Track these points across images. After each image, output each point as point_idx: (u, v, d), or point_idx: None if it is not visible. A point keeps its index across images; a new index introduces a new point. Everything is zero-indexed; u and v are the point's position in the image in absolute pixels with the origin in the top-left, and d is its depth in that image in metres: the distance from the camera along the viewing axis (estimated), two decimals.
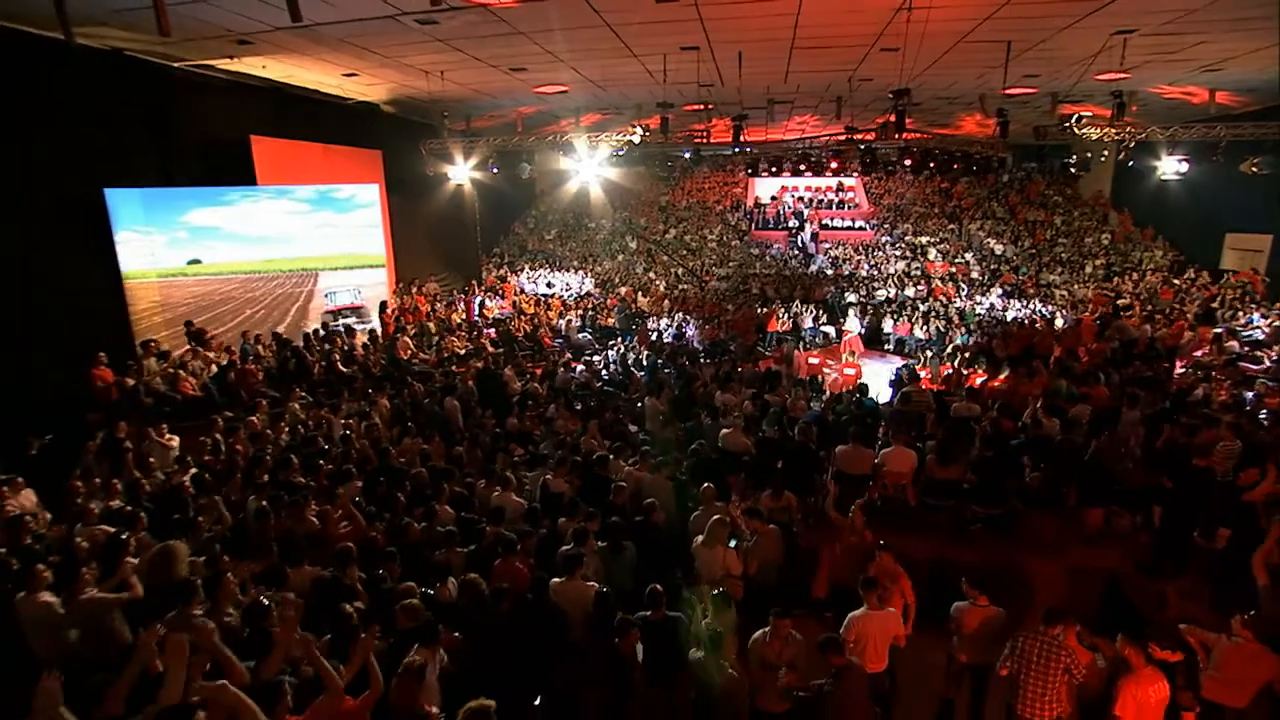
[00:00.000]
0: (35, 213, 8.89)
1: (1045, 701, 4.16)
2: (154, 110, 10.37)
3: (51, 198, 9.17)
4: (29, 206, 8.79)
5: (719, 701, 4.18)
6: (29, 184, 8.77)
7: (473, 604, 4.47)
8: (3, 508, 5.68)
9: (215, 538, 5.48)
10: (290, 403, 9.12)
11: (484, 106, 17.70)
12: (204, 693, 2.77)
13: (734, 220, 25.34)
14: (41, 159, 8.89)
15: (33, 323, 8.81)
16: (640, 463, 6.82)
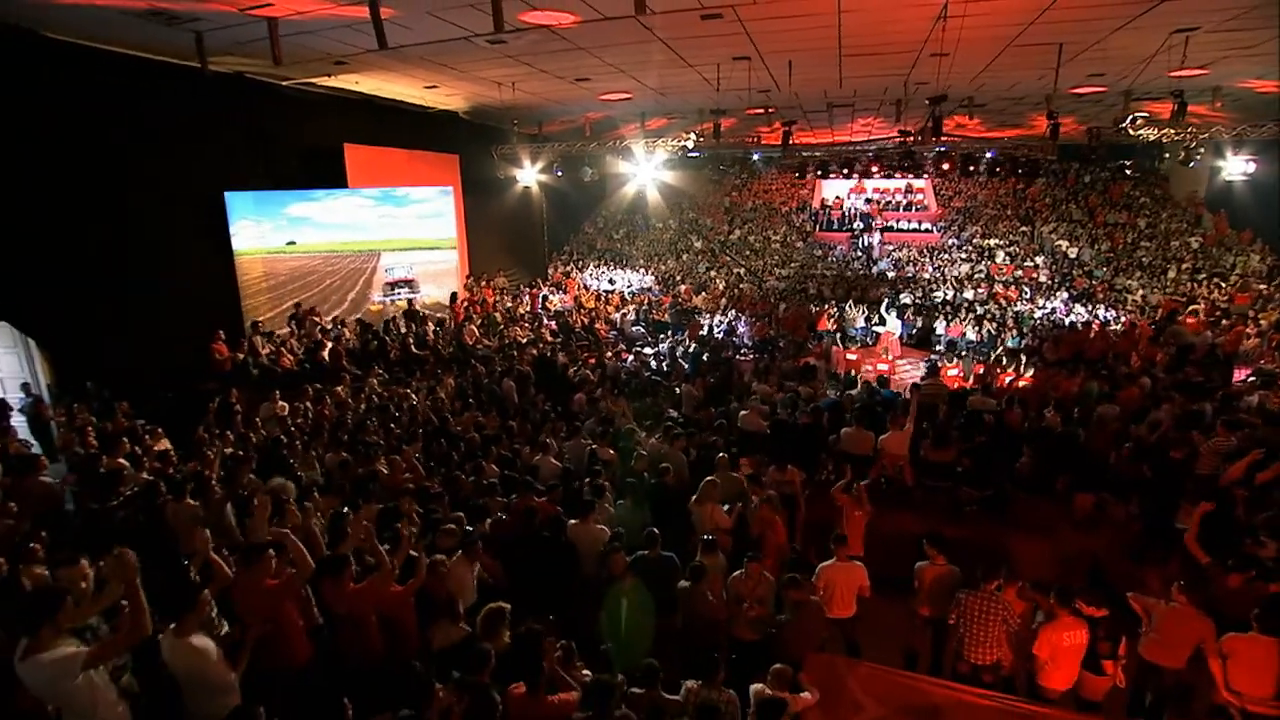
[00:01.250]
0: (168, 212, 10.67)
1: (985, 647, 4.79)
2: (265, 123, 12.06)
3: (182, 199, 10.96)
4: (163, 206, 10.57)
5: (700, 625, 5.01)
6: (164, 187, 10.53)
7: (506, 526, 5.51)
8: (152, 448, 7.20)
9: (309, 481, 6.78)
10: (370, 378, 10.53)
11: (554, 112, 18.95)
12: (275, 535, 3.90)
13: (799, 222, 25.70)
14: (175, 166, 10.65)
15: (164, 304, 10.55)
16: (662, 436, 7.71)
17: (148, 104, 10.01)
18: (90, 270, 9.54)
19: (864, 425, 7.19)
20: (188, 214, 11.22)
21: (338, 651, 3.96)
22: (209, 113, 10.74)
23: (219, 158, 11.39)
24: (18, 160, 8.60)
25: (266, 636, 3.52)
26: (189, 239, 11.26)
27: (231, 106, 11.12)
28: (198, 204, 11.38)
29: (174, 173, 10.65)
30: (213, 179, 11.40)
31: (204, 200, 11.48)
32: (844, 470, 6.48)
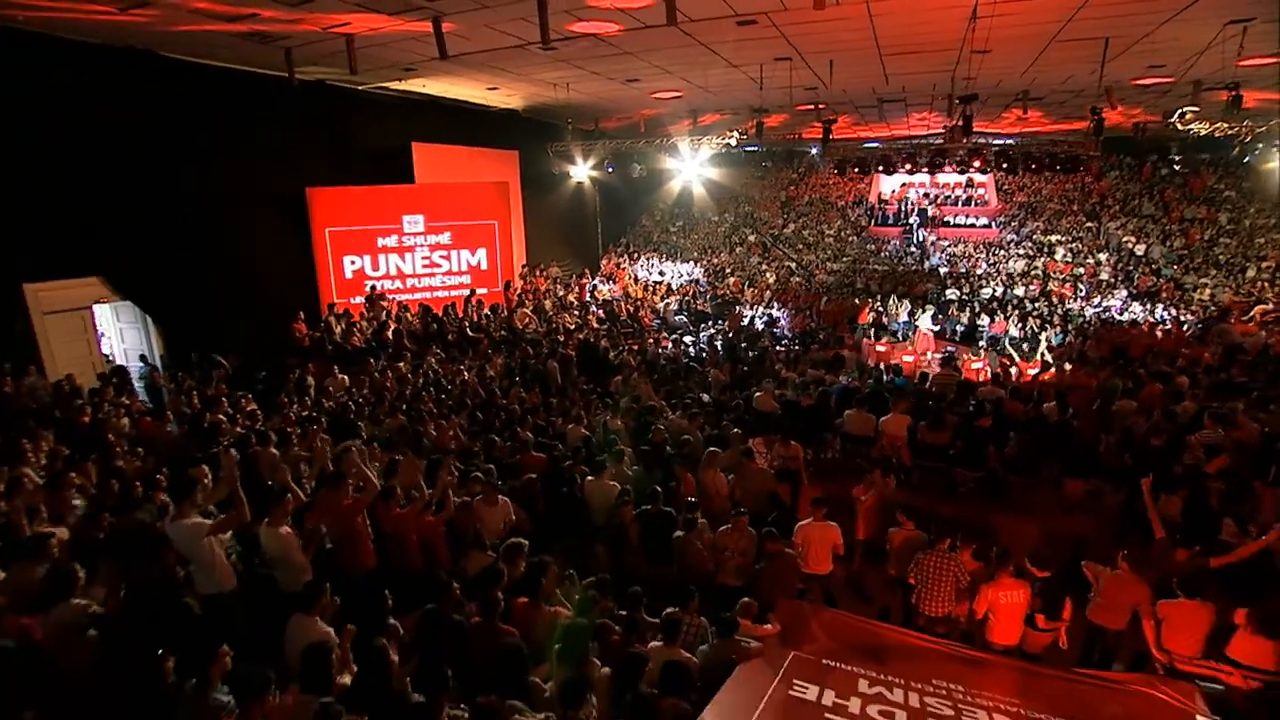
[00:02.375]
0: (260, 207, 12.19)
1: (938, 602, 5.44)
2: (342, 125, 13.47)
3: (270, 196, 12.47)
4: (256, 202, 12.09)
5: (690, 571, 5.84)
6: (256, 185, 12.05)
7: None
8: (244, 409, 8.58)
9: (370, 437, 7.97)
10: (428, 356, 11.77)
11: (609, 109, 19.89)
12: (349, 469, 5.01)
13: (854, 216, 25.84)
14: (263, 166, 12.14)
15: (255, 288, 12.08)
16: (683, 414, 8.56)
17: (243, 110, 11.48)
18: (196, 258, 11.09)
19: (865, 409, 7.82)
20: (276, 208, 12.74)
21: (385, 561, 5.01)
22: (294, 117, 12.16)
23: (302, 157, 12.86)
24: (142, 164, 10.16)
25: (343, 544, 4.61)
26: (276, 230, 12.79)
27: (313, 110, 12.52)
28: (284, 199, 12.89)
29: (265, 171, 12.15)
30: (297, 176, 12.88)
31: (290, 195, 12.98)
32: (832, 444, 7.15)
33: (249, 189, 11.92)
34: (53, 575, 3.72)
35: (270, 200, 12.61)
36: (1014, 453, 7.24)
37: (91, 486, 5.92)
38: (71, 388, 8.85)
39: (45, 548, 4.03)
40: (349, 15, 9.14)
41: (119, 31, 9.11)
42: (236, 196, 11.70)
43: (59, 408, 8.35)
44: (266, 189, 12.41)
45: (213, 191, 11.23)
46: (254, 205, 12.12)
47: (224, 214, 11.53)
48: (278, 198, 12.80)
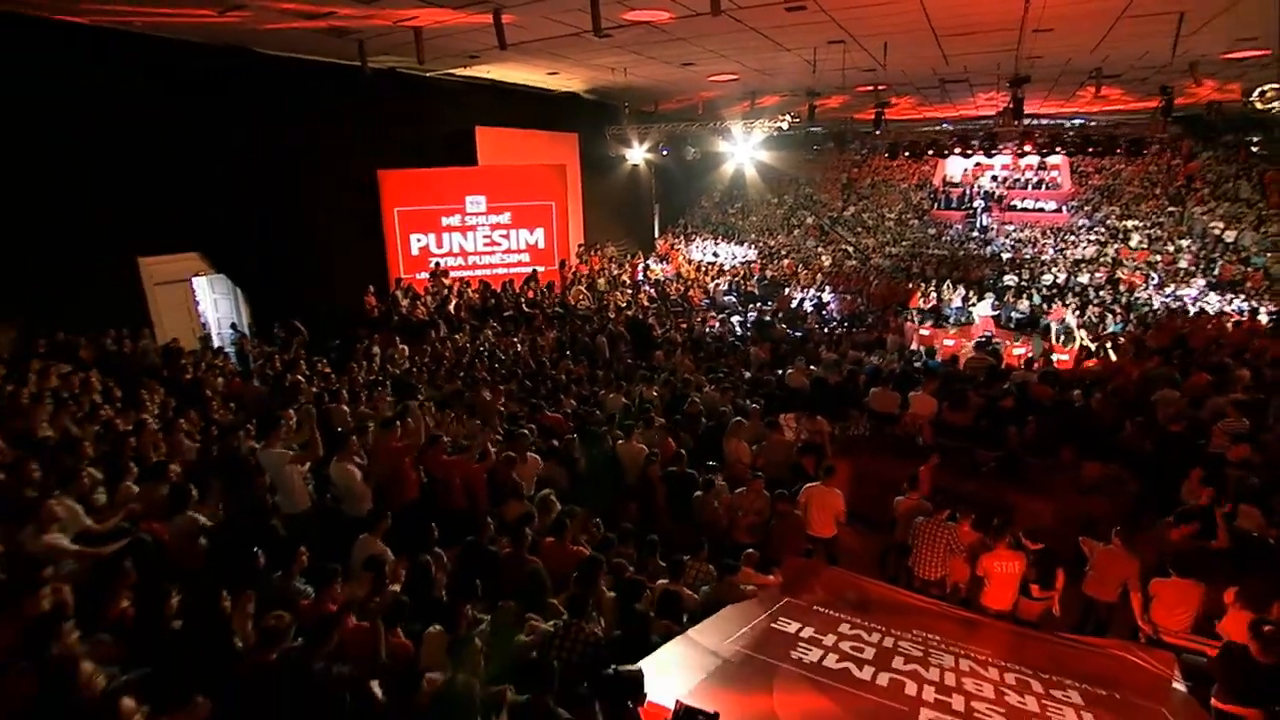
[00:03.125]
0: (336, 188, 13.30)
1: (931, 566, 5.88)
2: (411, 110, 14.41)
3: (345, 178, 13.57)
4: (333, 184, 13.19)
5: (706, 527, 6.44)
6: (334, 168, 13.13)
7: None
8: (319, 371, 9.66)
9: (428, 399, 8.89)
10: (485, 329, 12.67)
11: (668, 92, 20.28)
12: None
13: (917, 199, 25.45)
14: (339, 150, 13.20)
15: (330, 264, 13.23)
16: (717, 387, 9.12)
17: (321, 99, 12.53)
18: (279, 236, 12.28)
19: (890, 387, 8.18)
20: (350, 190, 13.86)
21: (432, 500, 5.83)
22: (367, 104, 13.14)
23: (374, 141, 13.89)
24: (235, 151, 11.33)
25: (391, 478, 5.45)
26: (350, 210, 13.92)
27: (384, 97, 13.47)
28: (358, 181, 14.00)
29: (340, 155, 13.24)
30: (369, 159, 13.95)
31: (363, 178, 14.08)
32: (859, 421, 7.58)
33: (327, 172, 13.03)
34: (173, 493, 4.65)
35: (345, 182, 13.72)
36: (1032, 434, 7.49)
37: (196, 432, 7.00)
38: (176, 349, 10.12)
39: (166, 472, 5.00)
40: (416, 10, 9.94)
41: (218, 32, 10.21)
42: (315, 179, 12.83)
43: (166, 367, 9.60)
44: (343, 172, 13.51)
45: (295, 175, 12.37)
46: (331, 187, 13.24)
47: (304, 196, 12.68)
48: (352, 180, 13.90)
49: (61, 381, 7.56)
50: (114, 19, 9.21)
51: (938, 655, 4.45)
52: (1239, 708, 4.35)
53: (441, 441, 6.03)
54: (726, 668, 3.62)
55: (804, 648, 4.14)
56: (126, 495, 4.89)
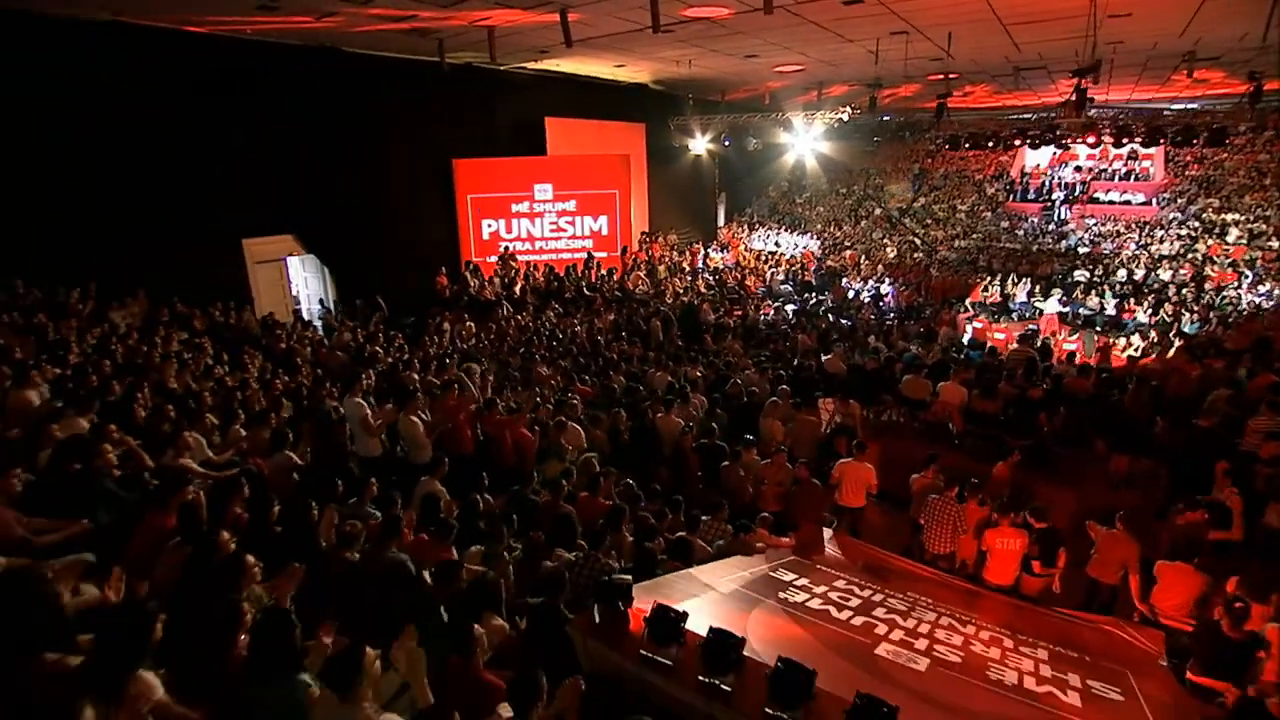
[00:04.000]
0: (414, 176, 14.46)
1: (940, 541, 6.32)
2: (484, 102, 15.43)
3: (423, 167, 14.71)
4: (412, 172, 14.36)
5: (730, 495, 7.06)
6: (413, 157, 14.29)
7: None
8: (395, 343, 10.78)
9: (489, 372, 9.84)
10: (548, 310, 13.59)
11: (734, 83, 20.65)
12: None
13: (992, 191, 24.86)
14: (418, 141, 14.33)
15: (408, 247, 14.43)
16: (757, 369, 9.70)
17: (403, 93, 13.67)
18: (363, 220, 13.52)
19: (921, 375, 8.55)
20: (427, 178, 15.02)
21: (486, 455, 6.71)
22: (445, 97, 14.22)
23: (450, 132, 15.00)
24: (325, 141, 12.58)
25: (448, 432, 6.36)
26: (427, 197, 15.09)
27: (460, 91, 14.50)
28: (435, 170, 15.15)
29: (419, 145, 14.39)
30: (445, 149, 15.07)
31: (439, 166, 15.22)
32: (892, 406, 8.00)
33: (407, 162, 14.23)
34: (274, 436, 5.67)
35: (423, 171, 14.90)
36: (1060, 424, 7.71)
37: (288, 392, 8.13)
38: (273, 322, 11.46)
39: (268, 419, 6.03)
40: (490, 11, 10.85)
41: (313, 35, 11.41)
42: (396, 168, 14.03)
43: (264, 336, 10.92)
44: (421, 161, 14.69)
45: (378, 164, 13.59)
46: (410, 175, 14.44)
47: (386, 183, 13.90)
48: (429, 168, 15.07)
49: (182, 345, 8.87)
50: (230, 28, 10.51)
51: (921, 612, 4.95)
52: (1210, 680, 4.66)
53: (496, 405, 6.90)
54: (714, 596, 4.25)
55: (793, 591, 4.73)
56: (236, 436, 5.95)
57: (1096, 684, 4.10)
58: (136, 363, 7.46)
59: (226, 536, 3.30)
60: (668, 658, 3.23)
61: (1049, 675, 4.10)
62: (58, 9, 9.15)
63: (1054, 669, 4.26)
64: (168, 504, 3.68)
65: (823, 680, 2.93)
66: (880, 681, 3.43)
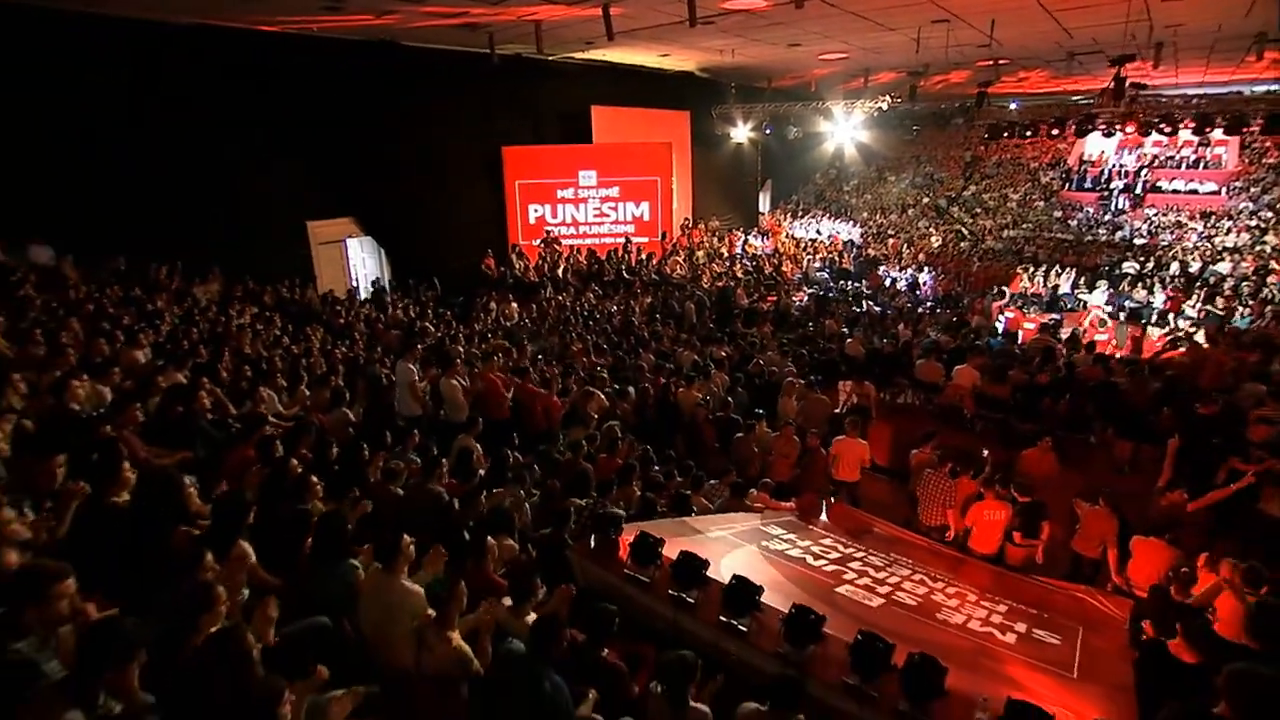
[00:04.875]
0: (465, 162, 15.39)
1: (931, 513, 6.82)
2: (533, 92, 16.22)
3: (474, 154, 15.63)
4: (461, 160, 15.28)
5: (740, 464, 7.69)
6: (463, 145, 15.20)
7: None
8: (445, 320, 11.74)
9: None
10: (587, 292, 14.36)
11: (780, 70, 20.91)
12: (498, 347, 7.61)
13: (1047, 179, 24.43)
14: (469, 129, 15.24)
15: (458, 230, 15.38)
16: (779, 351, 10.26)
17: (455, 83, 14.55)
18: (417, 204, 14.52)
19: (935, 359, 8.98)
20: (477, 164, 15.94)
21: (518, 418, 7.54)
22: (495, 87, 15.04)
23: (500, 120, 15.86)
24: (384, 130, 13.57)
25: (484, 396, 7.20)
26: (476, 182, 16.03)
27: (509, 81, 15.30)
28: (485, 156, 16.06)
29: (470, 133, 15.31)
30: (495, 137, 15.95)
31: (489, 153, 16.12)
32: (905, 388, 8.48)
33: (458, 149, 15.16)
34: (333, 395, 6.59)
35: (473, 158, 15.83)
36: (1065, 410, 8.05)
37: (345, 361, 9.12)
38: (333, 299, 12.55)
39: (328, 382, 6.97)
40: (536, 7, 11.58)
41: (372, 30, 12.37)
42: (448, 155, 14.98)
43: (325, 312, 12.01)
44: (471, 149, 15.63)
45: (431, 152, 14.54)
46: (461, 162, 15.38)
47: (439, 170, 14.86)
48: (479, 155, 16.00)
49: (253, 318, 9.97)
50: (298, 26, 11.54)
51: (896, 569, 5.51)
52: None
53: (529, 374, 7.71)
54: (700, 538, 4.90)
55: (776, 541, 5.36)
56: (301, 396, 6.89)
57: (1040, 631, 4.62)
58: (217, 332, 8.53)
59: (295, 463, 4.16)
60: (646, 576, 3.94)
61: (997, 622, 4.64)
62: (147, 14, 10.30)
63: (1005, 619, 4.78)
64: (249, 440, 4.57)
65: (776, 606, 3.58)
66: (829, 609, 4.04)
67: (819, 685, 3.27)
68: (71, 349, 5.62)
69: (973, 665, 3.73)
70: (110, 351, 6.18)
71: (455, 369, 7.16)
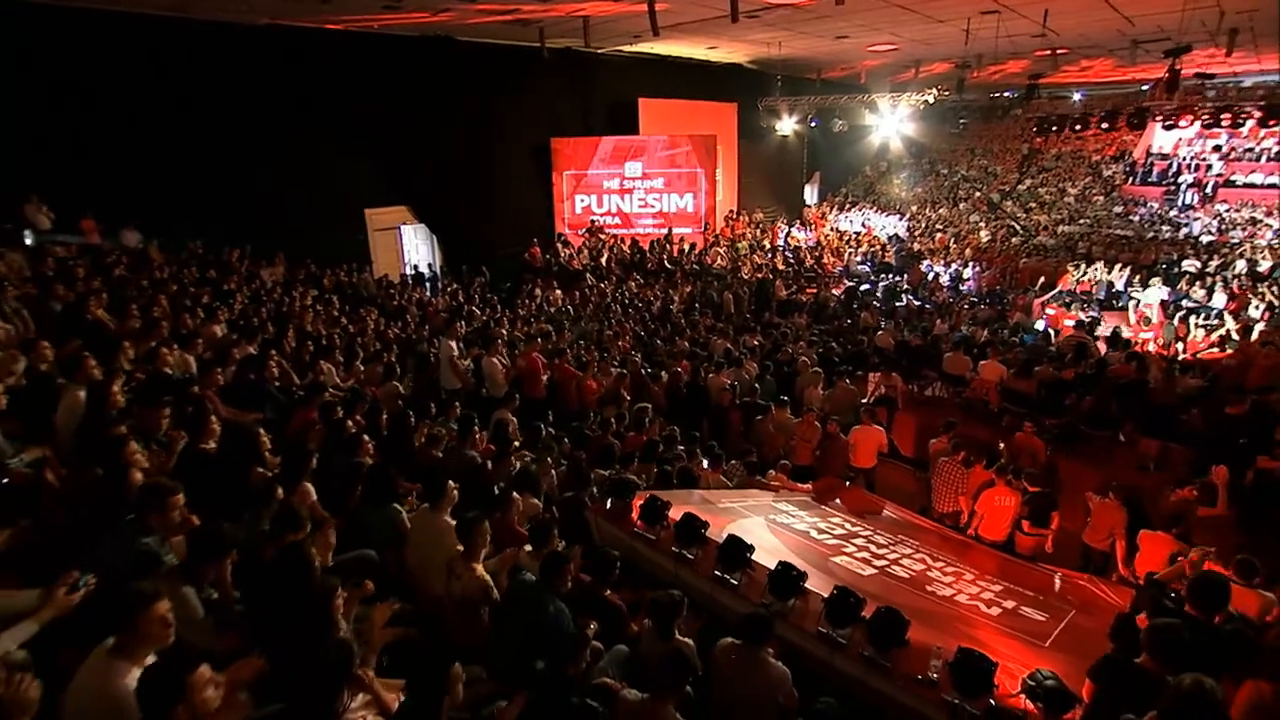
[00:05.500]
0: (515, 153, 16.07)
1: (943, 500, 7.10)
2: (581, 84, 16.77)
3: (521, 146, 16.30)
4: (509, 151, 15.97)
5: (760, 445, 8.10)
6: (511, 138, 15.89)
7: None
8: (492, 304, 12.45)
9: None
10: (629, 280, 14.89)
11: (828, 62, 20.93)
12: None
13: (1110, 173, 23.75)
14: (517, 121, 15.90)
15: (507, 219, 16.09)
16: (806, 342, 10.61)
17: (507, 77, 15.20)
18: (468, 193, 15.27)
19: (963, 352, 9.20)
20: (527, 155, 16.62)
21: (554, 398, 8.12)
22: (544, 79, 15.63)
23: (549, 112, 16.47)
24: (437, 122, 14.33)
25: (523, 376, 7.82)
26: (526, 173, 16.71)
27: (559, 74, 15.88)
28: (534, 148, 16.72)
29: (520, 125, 15.98)
30: (543, 128, 16.58)
31: (538, 144, 16.77)
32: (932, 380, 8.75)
33: (508, 140, 15.87)
34: (385, 370, 7.29)
35: (523, 149, 16.53)
36: (1089, 406, 8.19)
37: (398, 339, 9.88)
38: (388, 282, 13.39)
39: (381, 358, 7.68)
40: (584, 3, 12.13)
41: (428, 26, 13.09)
42: (499, 146, 15.68)
43: (380, 295, 12.84)
44: (521, 140, 16.32)
45: (482, 143, 15.27)
46: (511, 153, 16.08)
47: (490, 160, 15.59)
48: (529, 147, 16.68)
49: (314, 299, 10.82)
50: (360, 24, 12.34)
51: (900, 547, 5.85)
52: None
53: (566, 355, 8.31)
54: (708, 505, 5.36)
55: (783, 515, 5.77)
56: (356, 370, 7.61)
57: (1029, 609, 4.92)
58: (282, 311, 9.37)
59: (351, 424, 4.81)
60: (653, 534, 4.44)
61: (986, 598, 4.96)
62: (227, 16, 11.22)
63: (997, 596, 5.09)
64: (311, 404, 5.25)
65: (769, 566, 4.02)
66: (823, 575, 4.46)
67: (796, 633, 3.72)
68: (164, 322, 6.43)
69: (946, 629, 4.09)
70: (193, 325, 7.00)
71: (496, 349, 7.79)
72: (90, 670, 2.11)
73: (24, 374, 4.35)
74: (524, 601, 3.27)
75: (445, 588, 3.47)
